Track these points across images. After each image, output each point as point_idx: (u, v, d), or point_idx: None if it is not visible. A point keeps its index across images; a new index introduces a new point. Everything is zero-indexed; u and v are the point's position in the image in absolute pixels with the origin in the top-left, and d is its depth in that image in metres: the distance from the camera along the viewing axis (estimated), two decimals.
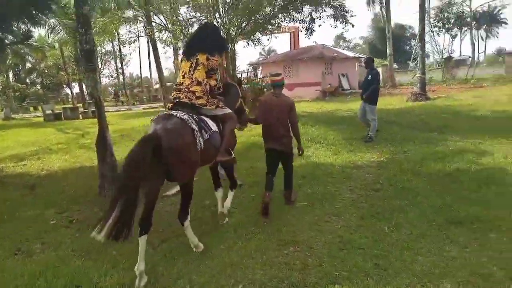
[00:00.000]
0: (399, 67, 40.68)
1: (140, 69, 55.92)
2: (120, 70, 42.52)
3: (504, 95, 14.76)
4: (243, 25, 12.29)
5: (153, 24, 13.43)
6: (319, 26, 13.65)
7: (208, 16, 12.60)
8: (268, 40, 15.02)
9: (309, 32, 13.75)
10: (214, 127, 3.88)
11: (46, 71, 45.02)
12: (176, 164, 3.44)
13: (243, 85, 5.41)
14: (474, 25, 57.25)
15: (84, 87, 42.34)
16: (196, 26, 13.97)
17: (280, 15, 12.96)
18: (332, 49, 28.00)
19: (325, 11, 13.24)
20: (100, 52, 38.84)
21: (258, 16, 12.29)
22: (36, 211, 5.62)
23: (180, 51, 17.48)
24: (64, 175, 7.92)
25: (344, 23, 13.48)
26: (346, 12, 13.35)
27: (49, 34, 22.99)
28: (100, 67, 41.39)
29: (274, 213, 4.73)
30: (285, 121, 4.83)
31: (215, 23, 13.02)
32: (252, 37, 13.62)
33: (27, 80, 48.04)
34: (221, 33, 5.18)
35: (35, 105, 36.45)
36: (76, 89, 40.40)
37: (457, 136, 8.23)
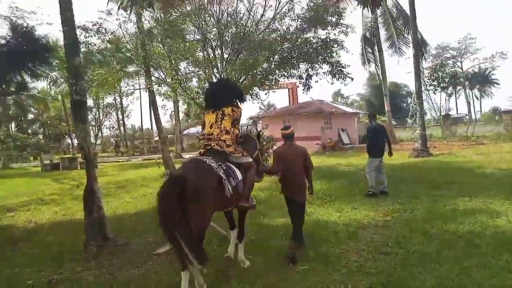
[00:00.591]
0: (397, 123, 41.20)
1: (141, 120, 56.84)
2: (121, 122, 42.83)
3: (507, 152, 14.60)
4: (241, 79, 12.42)
5: (153, 78, 13.61)
6: (316, 82, 13.82)
7: (207, 71, 12.78)
8: (266, 94, 15.24)
9: (306, 88, 13.88)
10: (239, 175, 4.14)
11: (49, 122, 45.49)
12: (193, 206, 3.57)
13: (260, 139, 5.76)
14: (467, 85, 59.00)
15: None
16: (195, 80, 14.21)
17: (277, 71, 13.14)
18: (331, 105, 28.46)
19: (321, 67, 13.47)
20: (102, 104, 39.58)
21: (255, 71, 12.46)
22: (14, 269, 5.14)
23: (180, 104, 17.64)
24: (52, 228, 7.48)
25: (341, 78, 13.63)
26: (343, 68, 13.54)
27: (50, 86, 23.54)
28: (101, 118, 41.97)
29: (272, 278, 4.28)
30: (299, 169, 5.00)
31: (213, 77, 13.21)
32: (250, 91, 13.75)
33: (29, 130, 48.42)
34: (239, 87, 5.59)
35: (35, 155, 36.30)
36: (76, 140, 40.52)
37: (465, 195, 7.87)
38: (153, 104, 13.85)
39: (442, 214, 6.42)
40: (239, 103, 4.62)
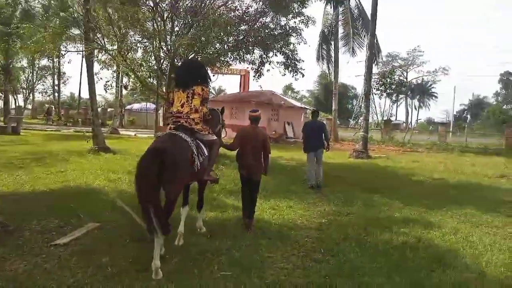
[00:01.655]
0: (340, 123, 42.19)
1: (79, 89, 51.06)
2: (56, 87, 39.46)
3: (439, 162, 15.18)
4: (190, 57, 11.53)
5: (94, 44, 12.26)
6: (267, 70, 13.28)
7: (154, 42, 11.73)
8: (213, 76, 14.42)
9: (257, 75, 13.32)
10: (206, 151, 4.49)
11: None
12: (172, 176, 3.89)
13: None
14: (409, 94, 62.17)
15: (10, 99, 38.56)
16: (140, 52, 13.09)
17: (229, 54, 12.40)
18: (281, 97, 28.27)
19: (276, 55, 12.97)
20: (37, 66, 36.16)
21: (206, 50, 11.64)
22: None
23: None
24: None
25: (294, 72, 13.23)
26: (297, 61, 13.15)
27: None
28: (34, 81, 38.34)
29: (187, 284, 3.67)
30: (258, 151, 5.51)
31: (161, 52, 12.21)
32: None
33: None
34: (205, 66, 5.74)
35: None
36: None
37: (401, 201, 7.80)
38: (87, 71, 12.46)
39: (376, 221, 6.19)
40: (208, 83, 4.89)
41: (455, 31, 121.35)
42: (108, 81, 12.30)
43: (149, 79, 13.20)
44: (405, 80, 55.75)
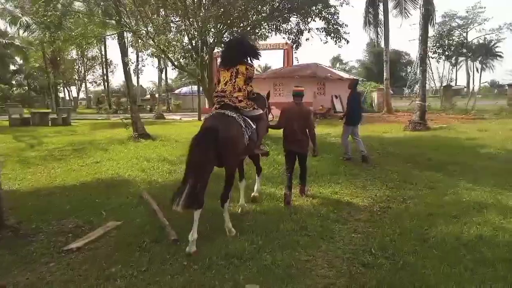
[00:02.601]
0: (393, 92, 39.53)
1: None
2: (105, 77, 40.67)
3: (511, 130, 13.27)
4: (223, 31, 10.72)
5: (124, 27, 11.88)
6: (306, 39, 12.10)
7: (184, 20, 11.06)
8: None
9: (295, 45, 12.21)
10: (254, 125, 4.58)
11: (35, 73, 43.04)
12: (228, 152, 4.13)
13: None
14: (470, 56, 56.87)
15: (66, 91, 40.56)
16: (173, 32, 12.52)
17: (265, 24, 11.39)
18: (326, 69, 26.69)
19: (315, 21, 11.75)
20: (86, 57, 37.39)
21: (240, 23, 10.75)
22: None
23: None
24: None
25: (337, 38, 11.94)
26: (340, 26, 11.83)
27: (19, 32, 21.51)
28: (84, 72, 39.81)
29: None
30: (303, 126, 5.64)
31: (193, 29, 11.55)
32: None
33: (13, 82, 46.20)
34: (253, 44, 5.68)
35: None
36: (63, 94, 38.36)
37: (468, 180, 6.63)
38: (121, 56, 12.17)
39: (441, 208, 5.15)
40: (253, 61, 4.87)
41: None
42: (139, 65, 11.92)
43: (183, 59, 12.63)
44: (465, 40, 50.92)
